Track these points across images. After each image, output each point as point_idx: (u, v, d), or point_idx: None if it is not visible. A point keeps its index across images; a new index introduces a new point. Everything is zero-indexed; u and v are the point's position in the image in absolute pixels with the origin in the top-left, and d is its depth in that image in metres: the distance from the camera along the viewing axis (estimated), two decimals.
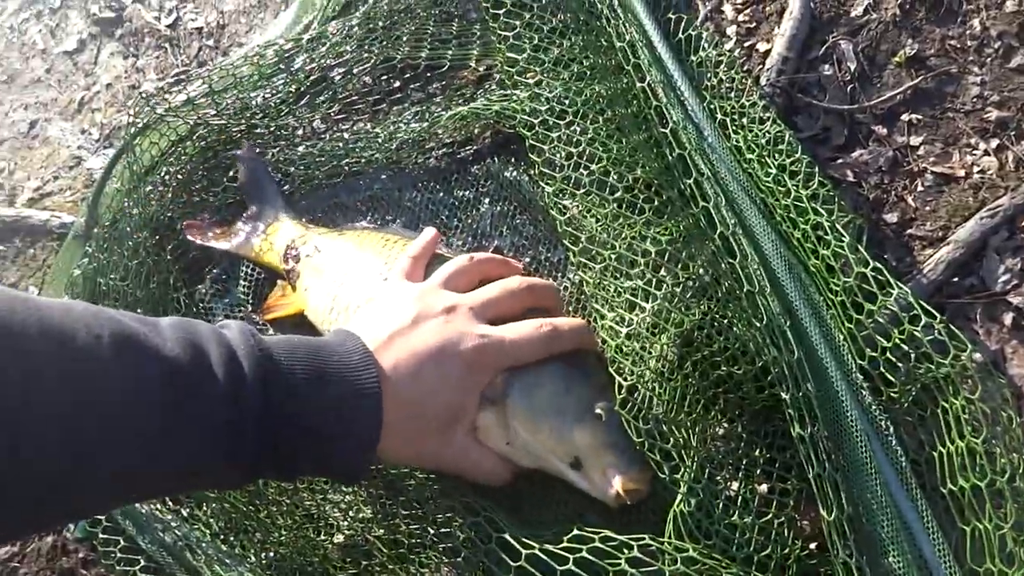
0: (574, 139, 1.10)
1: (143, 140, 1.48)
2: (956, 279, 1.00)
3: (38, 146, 1.83)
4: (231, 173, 1.46)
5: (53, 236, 1.68)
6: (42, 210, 1.72)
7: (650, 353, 1.01)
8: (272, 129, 1.46)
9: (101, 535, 1.25)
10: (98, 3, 1.92)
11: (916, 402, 0.93)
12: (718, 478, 0.99)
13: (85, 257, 1.42)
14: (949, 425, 0.87)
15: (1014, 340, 0.97)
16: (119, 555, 1.18)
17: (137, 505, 1.19)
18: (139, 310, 1.34)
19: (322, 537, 1.12)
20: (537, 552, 0.87)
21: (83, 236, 1.55)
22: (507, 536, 0.89)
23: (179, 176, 1.48)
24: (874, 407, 0.93)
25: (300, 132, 1.47)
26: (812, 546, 0.99)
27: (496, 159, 1.32)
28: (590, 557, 0.85)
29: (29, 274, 1.67)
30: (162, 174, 1.47)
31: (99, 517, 1.26)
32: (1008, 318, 0.97)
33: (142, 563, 1.17)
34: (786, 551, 0.95)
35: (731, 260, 0.98)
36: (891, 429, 0.91)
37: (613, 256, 1.04)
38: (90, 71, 1.86)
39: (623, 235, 1.04)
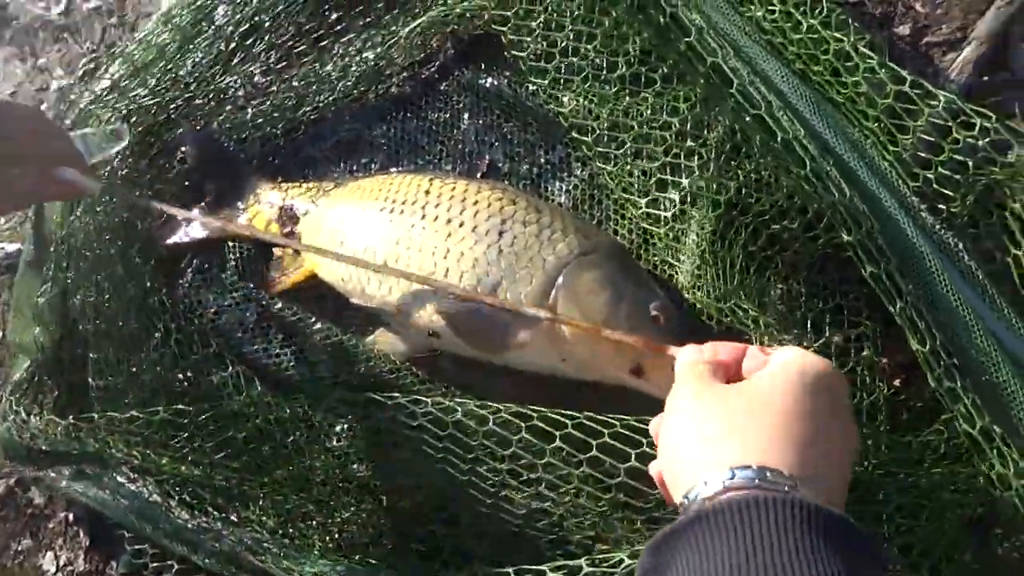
0: (555, 23, 1.01)
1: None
2: (986, 78, 0.95)
3: None
4: (180, 155, 1.33)
5: (0, 270, 1.54)
6: None
7: (694, 229, 0.95)
8: (211, 96, 1.33)
9: (152, 564, 1.18)
10: None
11: (976, 212, 0.88)
12: (788, 337, 0.95)
13: (46, 283, 1.30)
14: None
15: None
16: None
17: (184, 520, 1.11)
18: (120, 323, 1.23)
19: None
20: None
21: (35, 261, 1.42)
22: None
23: (123, 171, 1.35)
24: (937, 227, 0.88)
25: (242, 92, 1.34)
26: (896, 383, 0.96)
27: (465, 70, 1.22)
28: None
29: None
30: (105, 173, 1.34)
31: (139, 548, 1.19)
32: None
33: None
34: (873, 395, 0.92)
35: (754, 110, 0.92)
36: (960, 245, 0.87)
37: (631, 138, 0.96)
38: None
39: (638, 113, 0.96)
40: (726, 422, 0.68)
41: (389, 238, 1.04)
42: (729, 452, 0.64)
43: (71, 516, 1.30)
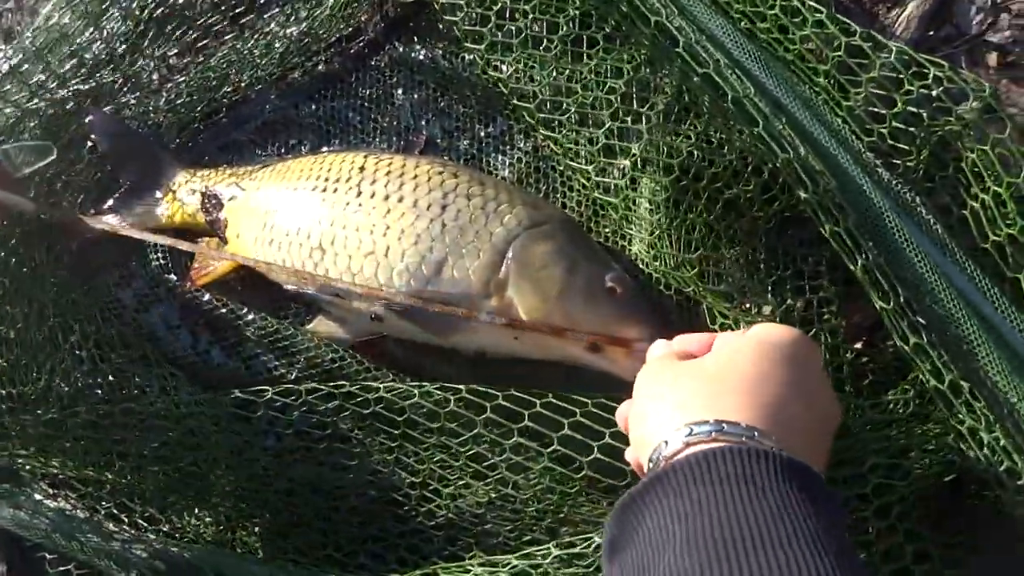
0: None
1: None
2: (931, 33, 0.93)
3: None
4: (90, 144, 1.23)
5: None
6: None
7: (647, 196, 0.91)
8: (122, 80, 1.23)
9: None
10: None
11: (931, 165, 0.87)
12: (748, 305, 0.92)
13: None
14: (981, 176, 0.81)
15: (1004, 79, 0.92)
16: None
17: (112, 532, 1.02)
18: (29, 327, 1.12)
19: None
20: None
21: None
22: None
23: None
24: (894, 183, 0.86)
25: (156, 75, 1.25)
26: (858, 345, 0.95)
27: (396, 43, 1.16)
28: None
29: None
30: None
31: (64, 569, 1.09)
32: (992, 58, 0.92)
33: None
34: (836, 359, 0.90)
35: (702, 69, 0.88)
36: (917, 199, 0.85)
37: (576, 104, 0.92)
38: None
39: (581, 76, 0.92)
40: (687, 388, 0.67)
41: (324, 219, 0.97)
42: (688, 412, 0.63)
43: None
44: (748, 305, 0.92)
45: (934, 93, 0.81)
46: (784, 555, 0.49)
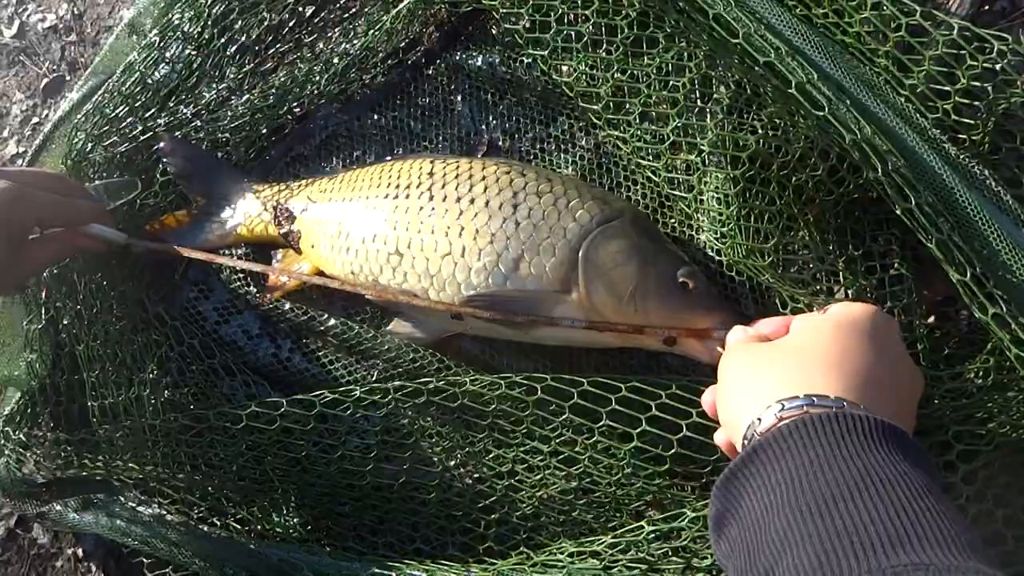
0: None
1: (48, 160, 1.28)
2: (986, 7, 0.95)
3: None
4: (162, 167, 1.28)
5: None
6: None
7: (714, 186, 0.93)
8: (189, 103, 1.27)
9: None
10: None
11: (997, 138, 0.88)
12: (820, 288, 0.94)
13: (32, 311, 1.23)
14: None
15: None
16: None
17: (206, 533, 1.06)
18: (117, 342, 1.17)
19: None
20: None
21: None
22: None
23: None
24: (961, 157, 0.87)
25: (221, 97, 1.29)
26: (930, 320, 0.96)
27: (453, 51, 1.19)
28: None
29: None
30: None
31: (161, 573, 1.13)
32: None
33: None
34: (911, 335, 0.91)
35: (764, 58, 0.90)
36: (986, 172, 0.86)
37: (641, 102, 0.94)
38: None
39: (645, 75, 0.94)
40: (773, 368, 0.70)
41: (399, 224, 1.00)
42: (778, 390, 0.65)
43: (80, 551, 1.24)
44: (820, 288, 0.93)
45: (997, 67, 0.83)
46: (883, 501, 0.52)
